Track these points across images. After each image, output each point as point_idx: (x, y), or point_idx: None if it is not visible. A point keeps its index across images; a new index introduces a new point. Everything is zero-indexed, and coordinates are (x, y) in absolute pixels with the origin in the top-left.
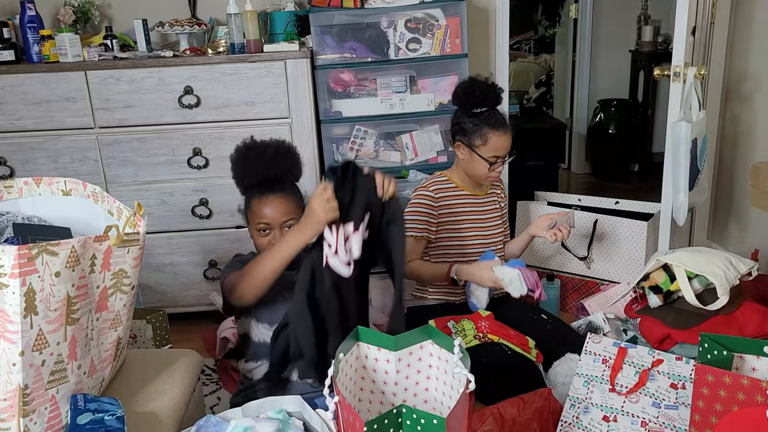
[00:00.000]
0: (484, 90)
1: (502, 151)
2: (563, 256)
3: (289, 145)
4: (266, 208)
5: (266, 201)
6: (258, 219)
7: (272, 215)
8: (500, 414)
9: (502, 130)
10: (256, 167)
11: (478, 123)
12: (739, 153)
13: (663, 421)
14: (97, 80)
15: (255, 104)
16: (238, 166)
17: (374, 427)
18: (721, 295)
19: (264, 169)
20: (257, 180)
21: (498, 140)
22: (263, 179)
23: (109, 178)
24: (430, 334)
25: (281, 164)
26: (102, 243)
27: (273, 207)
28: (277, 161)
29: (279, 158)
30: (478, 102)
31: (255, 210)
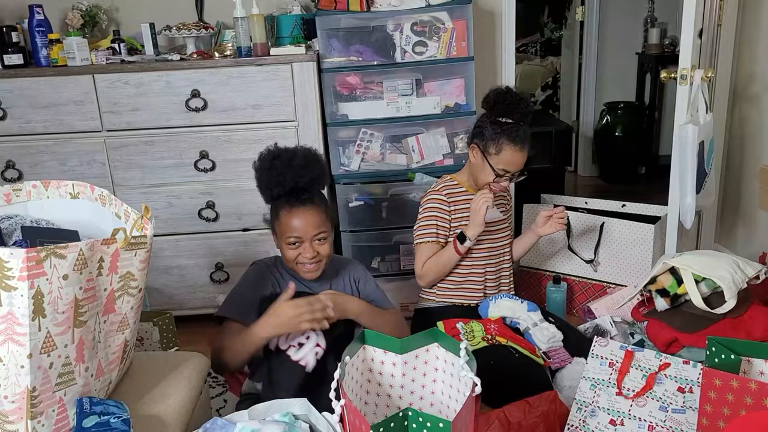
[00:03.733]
0: (515, 102)
1: (513, 167)
2: (570, 258)
3: (316, 152)
4: (296, 220)
5: (296, 213)
6: (288, 232)
7: (304, 229)
8: (506, 418)
9: (519, 146)
10: (284, 177)
11: (498, 132)
12: (747, 155)
13: (670, 425)
14: (104, 84)
15: (261, 107)
16: (264, 175)
17: (380, 431)
18: (729, 299)
19: (293, 179)
20: (285, 190)
21: (512, 155)
22: (291, 189)
23: (116, 181)
24: (437, 338)
25: (310, 173)
26: (110, 246)
27: (304, 220)
28: (306, 170)
29: (307, 167)
30: (506, 111)
31: (284, 222)
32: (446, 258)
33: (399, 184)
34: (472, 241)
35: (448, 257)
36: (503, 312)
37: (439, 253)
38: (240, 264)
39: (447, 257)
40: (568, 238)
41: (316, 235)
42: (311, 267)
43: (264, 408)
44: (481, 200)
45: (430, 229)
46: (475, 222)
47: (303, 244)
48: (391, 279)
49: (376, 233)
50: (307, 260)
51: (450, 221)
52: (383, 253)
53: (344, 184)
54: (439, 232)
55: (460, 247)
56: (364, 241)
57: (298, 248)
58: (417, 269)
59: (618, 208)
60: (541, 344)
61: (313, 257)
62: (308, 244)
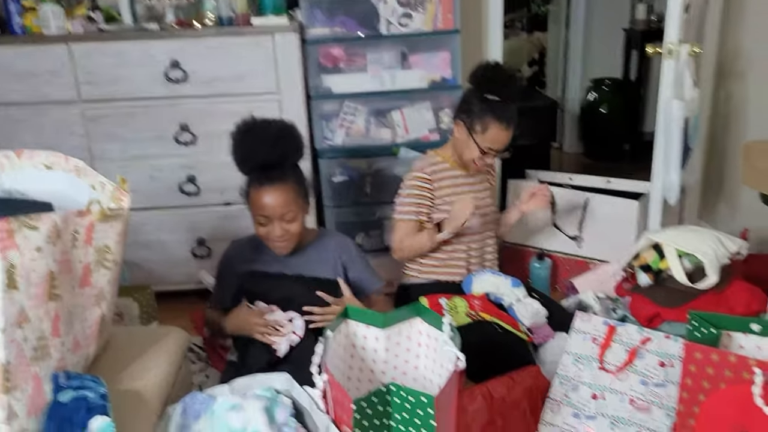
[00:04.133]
0: (505, 79)
1: (498, 145)
2: (554, 235)
3: (291, 126)
4: (265, 199)
5: (265, 192)
6: (257, 210)
7: (271, 208)
8: (490, 393)
9: (505, 125)
10: (255, 152)
11: (485, 109)
12: (731, 132)
13: (651, 399)
14: (81, 53)
15: (243, 79)
16: (237, 147)
17: (363, 405)
18: (711, 274)
19: (264, 155)
20: (256, 165)
21: (498, 134)
22: (262, 165)
23: (94, 153)
24: (419, 312)
25: (282, 149)
26: (84, 218)
27: (272, 199)
28: (278, 146)
29: (279, 142)
30: (494, 89)
31: (254, 200)
32: (422, 242)
33: (383, 159)
34: (446, 237)
35: (424, 242)
36: (487, 288)
37: (417, 235)
38: (222, 239)
39: (423, 242)
40: (552, 214)
41: (283, 214)
42: (281, 245)
43: (245, 383)
44: (465, 210)
45: (410, 207)
46: (452, 223)
47: (272, 222)
48: (375, 255)
49: (360, 208)
50: (276, 238)
51: (433, 199)
52: (367, 228)
53: (328, 158)
54: (420, 210)
55: (435, 236)
56: (348, 216)
57: (266, 227)
58: (394, 244)
59: (603, 185)
60: (525, 320)
61: (281, 235)
62: (276, 223)
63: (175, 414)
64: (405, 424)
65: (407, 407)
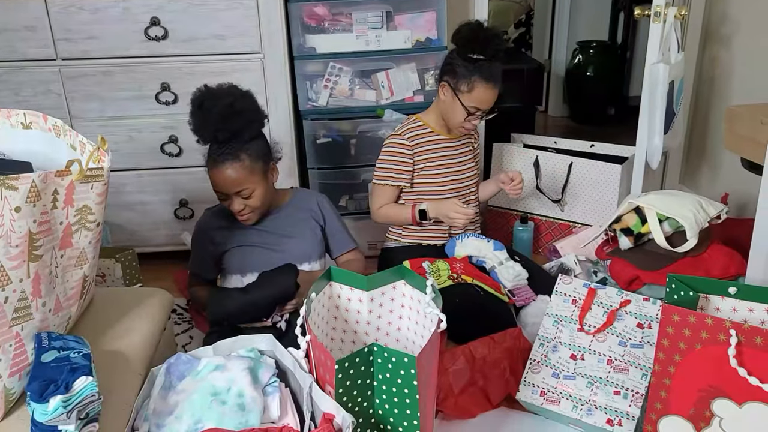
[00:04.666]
0: (489, 38)
1: (484, 104)
2: (537, 198)
3: (244, 98)
4: (218, 177)
5: (216, 170)
6: (214, 187)
7: (224, 186)
8: (471, 353)
9: (491, 84)
10: (205, 129)
11: (471, 69)
12: (715, 96)
13: (628, 359)
14: (57, 8)
15: (225, 38)
16: (192, 122)
17: (345, 366)
18: (690, 238)
19: (212, 132)
20: (208, 141)
21: (484, 93)
22: (214, 141)
23: (73, 112)
24: (403, 275)
25: (230, 127)
26: (64, 178)
27: (223, 178)
28: (227, 124)
29: (229, 120)
30: (478, 48)
31: (210, 176)
32: (402, 218)
33: (368, 120)
34: (429, 221)
35: (403, 218)
36: (470, 251)
37: (398, 210)
38: (205, 200)
39: (403, 217)
40: (536, 178)
41: (238, 192)
42: (244, 218)
43: (229, 344)
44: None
45: (389, 172)
46: (439, 213)
47: (230, 197)
48: (359, 217)
49: (344, 171)
50: (236, 213)
51: (413, 164)
52: (351, 191)
53: (312, 120)
54: (399, 176)
55: (417, 217)
56: (332, 178)
57: (227, 201)
58: (372, 208)
59: (587, 148)
60: (507, 282)
61: (241, 210)
62: (235, 199)
63: (159, 375)
64: (387, 384)
65: (389, 367)
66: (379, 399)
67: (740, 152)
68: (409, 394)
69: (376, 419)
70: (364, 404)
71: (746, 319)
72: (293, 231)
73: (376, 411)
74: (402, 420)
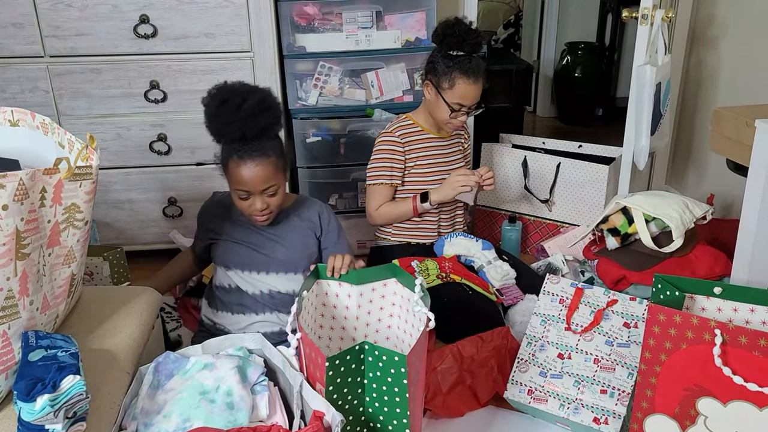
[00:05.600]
0: (465, 33)
1: (468, 100)
2: (526, 198)
3: (268, 97)
4: (245, 174)
5: (245, 167)
6: (236, 185)
7: (252, 183)
8: (459, 352)
9: (472, 79)
10: (231, 125)
11: (450, 66)
12: (702, 98)
13: (615, 359)
14: (45, 5)
15: (215, 36)
16: (212, 120)
17: (336, 363)
18: (676, 238)
19: (240, 129)
20: (233, 138)
21: (466, 88)
22: (240, 138)
23: (61, 110)
24: (395, 273)
25: (260, 123)
26: (52, 176)
27: (253, 174)
28: (256, 120)
29: (257, 116)
30: (456, 44)
31: (233, 174)
32: (402, 211)
33: (357, 120)
34: (433, 206)
35: (404, 211)
36: (458, 250)
37: (396, 204)
38: (194, 199)
39: (403, 210)
40: (524, 178)
41: (265, 189)
42: (261, 218)
43: (218, 342)
44: (462, 180)
45: (383, 171)
46: (444, 192)
47: (252, 196)
48: (349, 216)
49: (334, 170)
50: (257, 213)
51: (404, 161)
52: (341, 189)
53: (301, 119)
54: (393, 174)
55: (419, 206)
56: (321, 177)
57: (247, 200)
58: (370, 210)
59: (574, 149)
60: (495, 281)
61: (263, 209)
62: (257, 198)
63: (147, 373)
64: (378, 382)
65: (380, 366)
66: (369, 397)
67: (726, 154)
68: (399, 392)
69: (366, 417)
70: (354, 402)
71: (731, 318)
72: (284, 238)
73: (366, 409)
74: (392, 418)
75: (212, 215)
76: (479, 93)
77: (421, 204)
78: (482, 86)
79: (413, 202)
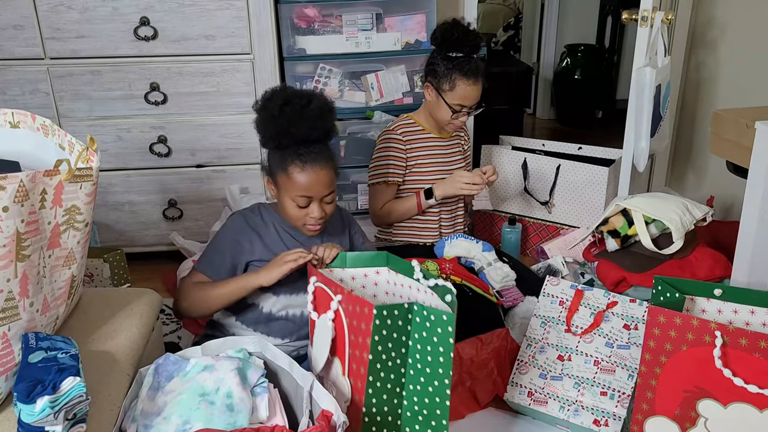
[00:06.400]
0: (464, 35)
1: (468, 101)
2: (526, 200)
3: (330, 100)
4: (309, 179)
5: (309, 171)
6: (298, 191)
7: (316, 188)
8: (459, 354)
9: (472, 80)
10: (296, 127)
11: (450, 67)
12: (701, 100)
13: (615, 360)
14: (46, 7)
15: (215, 38)
16: (271, 122)
17: (384, 314)
18: (676, 240)
19: (306, 132)
20: (295, 141)
21: (466, 89)
22: (303, 141)
23: (61, 112)
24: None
25: (325, 125)
26: (52, 178)
27: (318, 179)
28: (321, 121)
29: (323, 118)
30: (455, 46)
31: (295, 180)
32: (407, 207)
33: (357, 122)
34: (437, 201)
35: (408, 207)
36: (459, 252)
37: (400, 201)
38: (194, 201)
39: (407, 207)
40: (524, 180)
41: (327, 195)
42: (316, 227)
43: (218, 344)
44: (467, 184)
45: (386, 169)
46: (447, 187)
47: (312, 203)
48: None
49: None
50: (314, 221)
51: (406, 160)
52: (341, 192)
53: None
54: (395, 172)
55: (423, 202)
56: None
57: (306, 208)
58: (374, 209)
59: (574, 151)
60: (495, 283)
61: (321, 217)
62: (317, 204)
63: (147, 375)
64: (422, 343)
65: (427, 326)
66: (412, 359)
67: (726, 156)
68: (444, 351)
69: (406, 379)
70: (397, 361)
71: (731, 320)
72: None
73: (408, 371)
74: (433, 379)
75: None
76: (479, 93)
77: (426, 200)
78: (482, 86)
79: (417, 198)
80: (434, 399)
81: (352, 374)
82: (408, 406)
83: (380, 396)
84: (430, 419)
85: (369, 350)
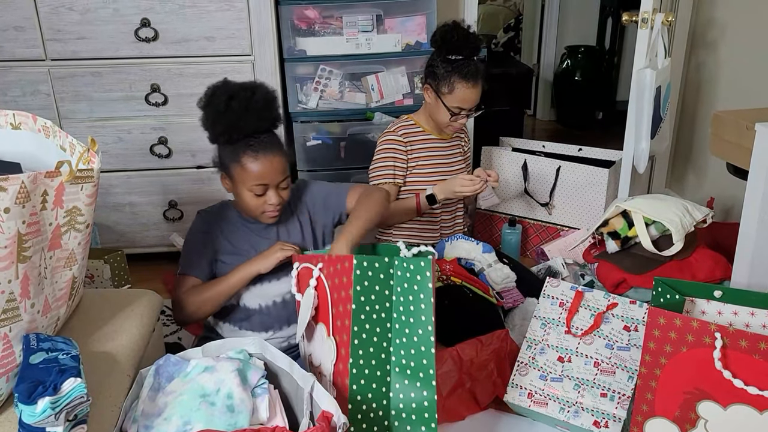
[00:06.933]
0: (463, 37)
1: (467, 103)
2: (525, 201)
3: (272, 88)
4: (264, 168)
5: (263, 160)
6: (255, 180)
7: (271, 176)
8: (459, 355)
9: (471, 83)
10: (244, 120)
11: (449, 70)
12: (702, 101)
13: (615, 362)
14: (47, 8)
15: (215, 39)
16: (218, 117)
17: (364, 265)
18: (677, 242)
19: (254, 123)
20: (244, 134)
21: (465, 92)
22: (253, 132)
23: (62, 113)
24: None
25: (272, 114)
26: (54, 179)
27: (271, 166)
28: (269, 111)
29: (269, 108)
30: (454, 49)
31: (250, 169)
32: (406, 209)
33: (357, 123)
34: (438, 204)
35: (408, 209)
36: (459, 253)
37: (400, 203)
38: (194, 202)
39: (407, 209)
40: (524, 181)
41: (281, 181)
42: (274, 214)
43: (218, 345)
44: (469, 187)
45: (386, 170)
46: (448, 190)
47: (269, 191)
48: None
49: (334, 173)
50: (271, 208)
51: (407, 161)
52: None
53: (302, 122)
54: (396, 173)
55: (423, 204)
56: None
57: (263, 196)
58: None
59: (574, 152)
60: (495, 284)
61: (279, 203)
62: (273, 191)
63: (148, 376)
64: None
65: (407, 276)
66: (397, 313)
67: (726, 158)
68: (425, 298)
69: (392, 334)
70: (382, 315)
71: (731, 322)
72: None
73: (393, 325)
74: (417, 328)
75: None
76: (479, 96)
77: (429, 204)
78: (481, 89)
79: (417, 199)
80: (420, 348)
81: (337, 331)
82: (396, 361)
83: (366, 348)
84: (417, 371)
85: (352, 300)
